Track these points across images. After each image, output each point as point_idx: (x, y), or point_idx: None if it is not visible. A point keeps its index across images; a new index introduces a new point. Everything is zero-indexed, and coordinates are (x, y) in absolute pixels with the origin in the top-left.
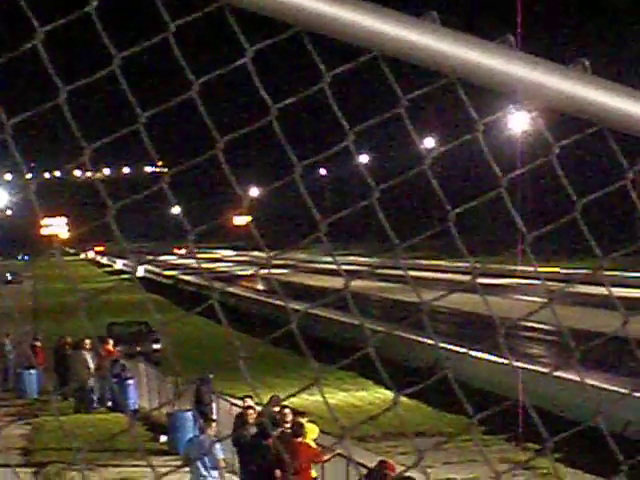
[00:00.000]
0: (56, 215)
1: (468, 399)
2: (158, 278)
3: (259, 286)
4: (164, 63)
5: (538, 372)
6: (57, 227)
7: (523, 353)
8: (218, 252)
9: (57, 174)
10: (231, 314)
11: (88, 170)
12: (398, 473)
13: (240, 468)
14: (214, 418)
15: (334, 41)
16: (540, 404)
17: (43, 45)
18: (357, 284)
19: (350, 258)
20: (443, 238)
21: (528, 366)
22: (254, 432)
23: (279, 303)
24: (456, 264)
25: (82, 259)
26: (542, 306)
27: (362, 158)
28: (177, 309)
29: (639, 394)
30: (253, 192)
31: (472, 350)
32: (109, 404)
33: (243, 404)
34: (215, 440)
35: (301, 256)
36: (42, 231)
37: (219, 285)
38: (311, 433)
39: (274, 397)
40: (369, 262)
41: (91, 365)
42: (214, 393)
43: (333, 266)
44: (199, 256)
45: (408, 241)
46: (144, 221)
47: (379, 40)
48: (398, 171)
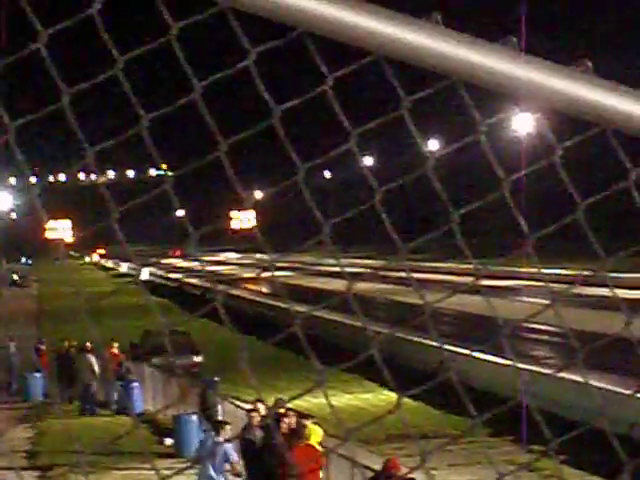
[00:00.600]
0: (60, 218)
1: (473, 401)
2: (163, 281)
3: (264, 289)
4: (167, 65)
5: (542, 373)
6: (61, 230)
7: (527, 355)
8: (222, 254)
9: (61, 177)
10: (236, 317)
11: (92, 173)
12: (403, 475)
13: (246, 471)
14: (227, 421)
15: (337, 43)
16: (544, 406)
17: (46, 47)
18: (361, 286)
19: (355, 260)
20: (449, 240)
21: (533, 367)
22: (259, 435)
23: (283, 305)
24: (461, 266)
25: (87, 262)
26: (545, 307)
27: (367, 160)
28: (182, 312)
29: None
30: (257, 194)
31: (476, 351)
32: (114, 407)
33: (252, 407)
34: (224, 441)
35: (305, 258)
36: (46, 234)
37: (223, 288)
38: (315, 436)
39: (278, 400)
40: (374, 264)
41: (96, 368)
42: (220, 396)
43: (337, 268)
44: (203, 258)
45: (412, 243)
46: (146, 224)
47: (381, 42)
48: (403, 173)
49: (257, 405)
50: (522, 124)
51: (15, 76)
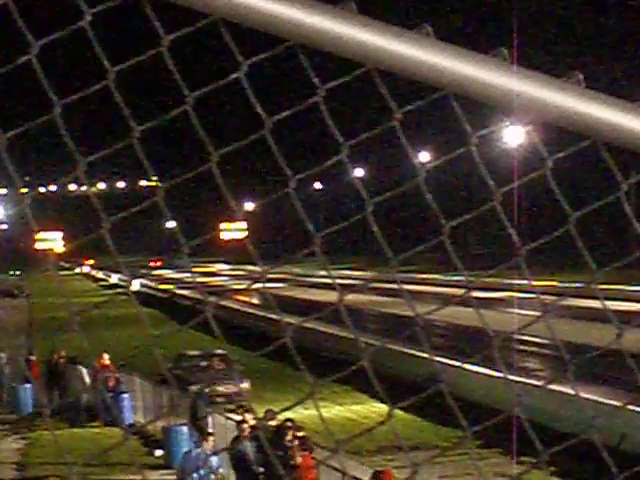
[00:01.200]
0: (51, 229)
1: (464, 413)
2: (154, 292)
3: (255, 300)
4: (158, 76)
5: (533, 385)
6: (52, 241)
7: (518, 367)
8: (213, 266)
9: (52, 188)
10: (227, 328)
11: (82, 184)
12: None
13: None
14: (211, 432)
15: (329, 55)
16: (535, 417)
17: (37, 58)
18: (352, 298)
19: (345, 272)
20: (440, 251)
21: (524, 379)
22: (248, 446)
23: (274, 317)
24: (453, 278)
25: (77, 273)
26: (536, 319)
27: (358, 172)
28: (173, 323)
29: (634, 407)
30: (248, 206)
31: (467, 363)
32: (104, 418)
33: (242, 419)
34: (211, 453)
35: (296, 270)
36: (37, 245)
37: (214, 299)
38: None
39: (269, 411)
40: (364, 276)
41: (87, 379)
42: (210, 407)
43: (328, 280)
44: (194, 270)
45: (403, 254)
46: (137, 235)
47: (373, 54)
48: (394, 184)
49: (245, 416)
50: (513, 136)
51: (6, 86)
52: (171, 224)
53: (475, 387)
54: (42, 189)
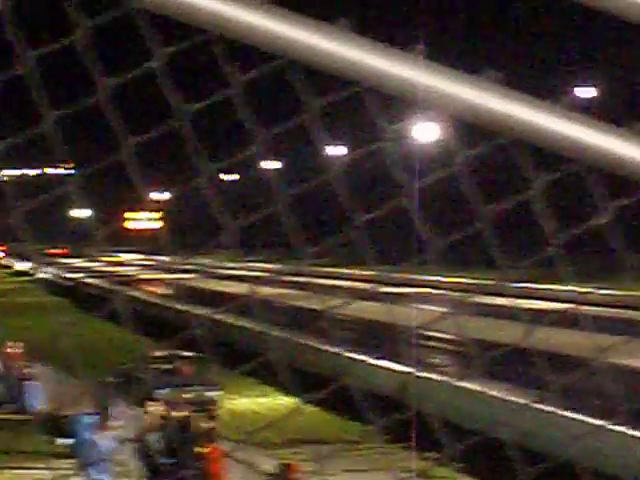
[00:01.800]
0: None
1: (371, 407)
2: (62, 281)
3: (163, 290)
4: (72, 62)
5: (441, 381)
6: None
7: (426, 362)
8: (122, 255)
9: None
10: (134, 318)
11: None
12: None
13: (144, 472)
14: (111, 421)
15: (248, 47)
16: (443, 413)
17: None
18: (262, 290)
19: (257, 264)
20: (351, 246)
21: (431, 375)
22: (154, 437)
23: (183, 308)
24: (363, 272)
25: None
26: (443, 315)
27: (274, 164)
28: (79, 312)
29: (539, 405)
30: (162, 196)
31: (375, 358)
32: (11, 406)
33: (145, 408)
34: (113, 443)
35: (206, 261)
36: None
37: (122, 289)
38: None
39: (173, 402)
40: (275, 268)
41: None
42: (115, 397)
43: (239, 272)
44: (104, 259)
45: (314, 248)
46: (47, 223)
47: (290, 46)
48: (309, 178)
49: (153, 406)
50: (427, 132)
51: None
52: (82, 212)
53: (384, 382)
54: None
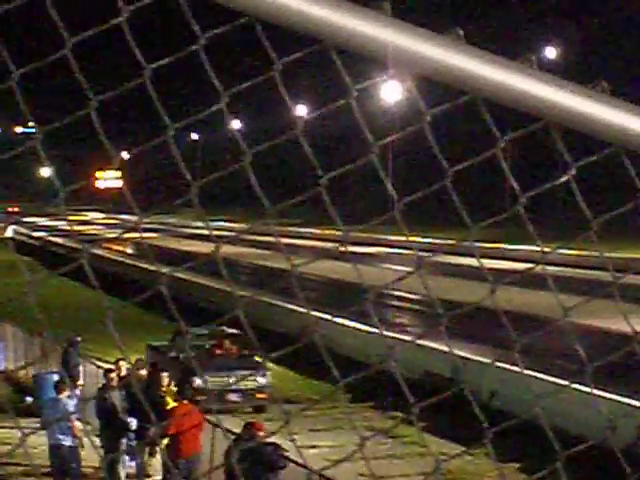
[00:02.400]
0: None
1: (336, 367)
2: (28, 239)
3: (129, 249)
4: (36, 19)
5: (406, 341)
6: None
7: (392, 322)
8: (87, 214)
9: None
10: (100, 277)
11: None
12: (263, 437)
13: (102, 431)
14: (75, 380)
15: (210, 4)
16: (407, 373)
17: None
18: (226, 250)
19: (221, 224)
20: (319, 205)
21: (396, 335)
22: (116, 395)
23: (148, 266)
24: (331, 232)
25: None
26: (408, 273)
27: (235, 124)
28: (46, 271)
29: (503, 364)
30: (125, 155)
31: (341, 318)
32: None
33: (112, 367)
34: (74, 402)
35: (171, 220)
36: None
37: (88, 247)
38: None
39: (139, 360)
40: (240, 228)
41: None
42: (81, 356)
43: (204, 231)
44: (68, 218)
45: (279, 206)
46: (14, 182)
47: (256, 6)
48: (271, 137)
49: (120, 364)
50: (392, 91)
51: None
52: (46, 171)
53: (349, 341)
54: None
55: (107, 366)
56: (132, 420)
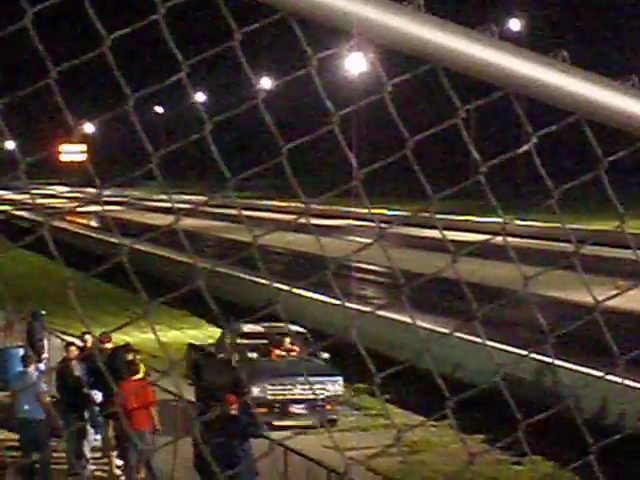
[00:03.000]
0: None
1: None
2: None
3: (93, 223)
4: None
5: (367, 312)
6: None
7: (355, 294)
8: (52, 188)
9: None
10: (64, 250)
11: None
12: (235, 409)
13: (63, 404)
14: (39, 353)
15: None
16: (372, 345)
17: None
18: (190, 223)
19: (184, 197)
20: (281, 177)
21: (358, 306)
22: (76, 369)
23: (111, 239)
24: (292, 204)
25: None
26: (367, 245)
27: (199, 96)
28: (10, 244)
29: (464, 335)
30: (89, 127)
31: (303, 289)
32: None
33: (81, 341)
34: (38, 375)
35: (135, 193)
36: None
37: (51, 219)
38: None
39: (103, 334)
40: (203, 200)
41: None
42: (45, 329)
43: (167, 204)
44: (32, 192)
45: (241, 175)
46: None
47: None
48: (234, 109)
49: (85, 337)
50: (358, 63)
51: None
52: (10, 144)
53: (313, 313)
54: None
55: (70, 339)
56: (97, 393)
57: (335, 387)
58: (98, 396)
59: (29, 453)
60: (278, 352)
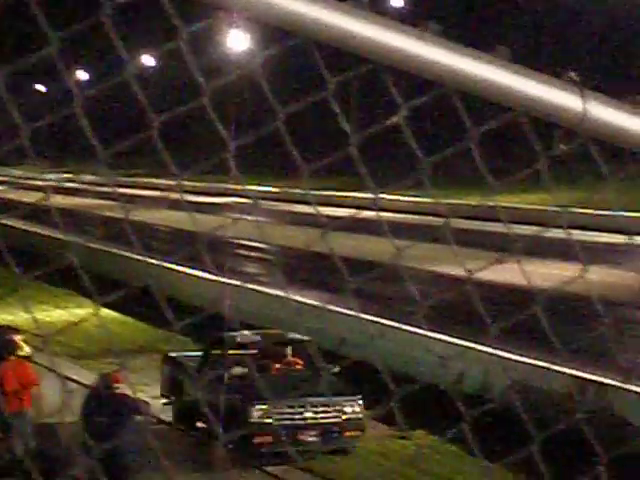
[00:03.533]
0: None
1: (175, 313)
2: None
3: None
4: None
5: (239, 286)
6: None
7: (241, 271)
8: None
9: None
10: None
11: None
12: (120, 389)
13: None
14: None
15: None
16: (254, 320)
17: None
18: (70, 201)
19: (67, 175)
20: (155, 155)
21: (250, 285)
22: None
23: None
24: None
25: None
26: (233, 220)
27: (81, 75)
28: None
29: (333, 307)
30: None
31: (186, 267)
32: None
33: None
34: None
35: (17, 172)
36: None
37: None
38: (22, 351)
39: None
40: (83, 179)
41: None
42: None
43: (48, 183)
44: None
45: (113, 151)
46: None
47: None
48: (119, 87)
49: None
50: (240, 40)
51: None
52: None
53: (192, 290)
54: None
55: None
56: None
57: (354, 408)
58: None
59: None
60: (278, 366)
